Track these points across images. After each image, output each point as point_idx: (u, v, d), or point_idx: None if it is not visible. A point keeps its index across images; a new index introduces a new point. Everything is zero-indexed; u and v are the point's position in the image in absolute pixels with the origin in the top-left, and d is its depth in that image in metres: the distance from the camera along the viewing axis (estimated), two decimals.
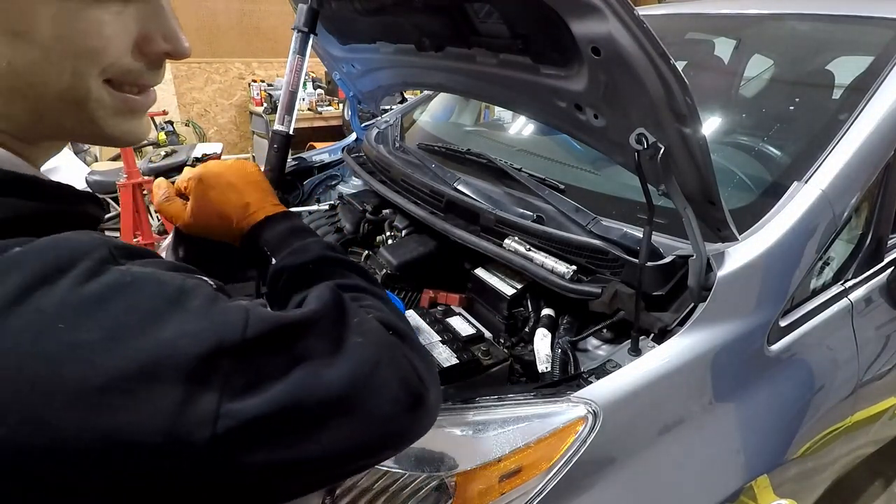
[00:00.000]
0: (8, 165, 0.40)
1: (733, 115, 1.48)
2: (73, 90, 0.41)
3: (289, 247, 0.69)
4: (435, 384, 0.53)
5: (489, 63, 1.05)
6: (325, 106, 5.16)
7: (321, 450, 0.42)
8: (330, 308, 0.47)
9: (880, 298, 1.15)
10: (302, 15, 1.03)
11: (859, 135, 1.02)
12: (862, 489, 1.78)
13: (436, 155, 1.49)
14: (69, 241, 0.37)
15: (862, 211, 1.10)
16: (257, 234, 0.73)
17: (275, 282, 0.67)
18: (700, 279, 0.83)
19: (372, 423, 0.45)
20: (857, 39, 1.40)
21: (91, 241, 0.38)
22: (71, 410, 0.32)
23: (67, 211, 0.43)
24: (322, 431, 0.42)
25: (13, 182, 0.40)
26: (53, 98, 0.41)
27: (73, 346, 0.33)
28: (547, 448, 0.74)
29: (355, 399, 0.44)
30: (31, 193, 0.40)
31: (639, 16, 0.66)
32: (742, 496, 0.91)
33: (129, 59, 0.43)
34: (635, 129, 0.75)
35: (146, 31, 0.44)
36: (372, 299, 0.60)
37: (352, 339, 0.46)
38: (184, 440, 0.35)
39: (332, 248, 0.70)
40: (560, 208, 1.11)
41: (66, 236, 0.38)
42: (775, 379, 0.96)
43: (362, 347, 0.46)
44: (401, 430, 0.49)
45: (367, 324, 0.50)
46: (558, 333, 0.98)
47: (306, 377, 0.41)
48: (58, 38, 0.39)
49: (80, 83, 0.41)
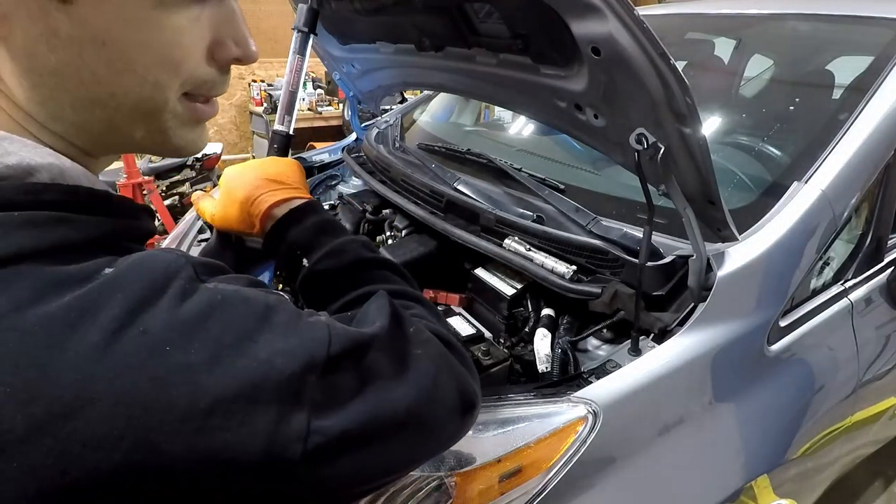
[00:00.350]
0: (85, 182, 0.39)
1: (733, 115, 1.48)
2: (151, 101, 0.41)
3: (322, 247, 0.65)
4: (479, 386, 0.55)
5: (489, 63, 1.05)
6: (325, 106, 5.16)
7: (391, 461, 0.44)
8: (392, 322, 0.48)
9: (880, 298, 1.15)
10: (302, 15, 1.02)
11: (859, 135, 1.02)
12: (862, 489, 1.78)
13: (436, 155, 1.49)
14: (158, 261, 0.37)
15: (862, 211, 1.10)
16: (283, 231, 0.69)
17: (310, 286, 0.65)
18: (700, 279, 0.83)
19: (434, 431, 0.48)
20: (857, 39, 1.40)
21: (175, 259, 0.38)
22: (179, 432, 0.32)
23: (133, 226, 0.43)
24: (393, 443, 0.43)
25: (91, 199, 0.39)
26: (130, 108, 0.40)
27: (180, 367, 0.33)
28: (547, 448, 0.74)
29: (421, 411, 0.46)
30: (106, 210, 0.40)
31: (639, 16, 0.66)
32: (742, 496, 0.91)
33: (204, 68, 0.43)
34: (635, 129, 0.75)
35: (219, 37, 0.43)
36: (417, 307, 0.59)
37: (413, 351, 0.48)
38: (278, 458, 0.35)
39: (369, 246, 0.67)
40: (560, 208, 1.11)
41: (151, 255, 0.38)
42: (775, 379, 0.96)
43: (423, 361, 0.48)
44: (455, 435, 0.52)
45: (423, 334, 0.51)
46: (558, 333, 0.98)
47: (377, 394, 0.42)
48: (141, 47, 0.38)
49: (159, 94, 0.41)
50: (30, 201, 0.35)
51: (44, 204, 0.36)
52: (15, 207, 0.34)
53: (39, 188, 0.36)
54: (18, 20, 0.35)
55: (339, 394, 0.40)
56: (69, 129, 0.40)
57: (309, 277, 0.65)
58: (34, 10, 0.35)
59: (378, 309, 0.50)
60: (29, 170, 0.36)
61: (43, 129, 0.40)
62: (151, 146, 0.45)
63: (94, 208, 0.39)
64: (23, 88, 0.37)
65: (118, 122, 0.41)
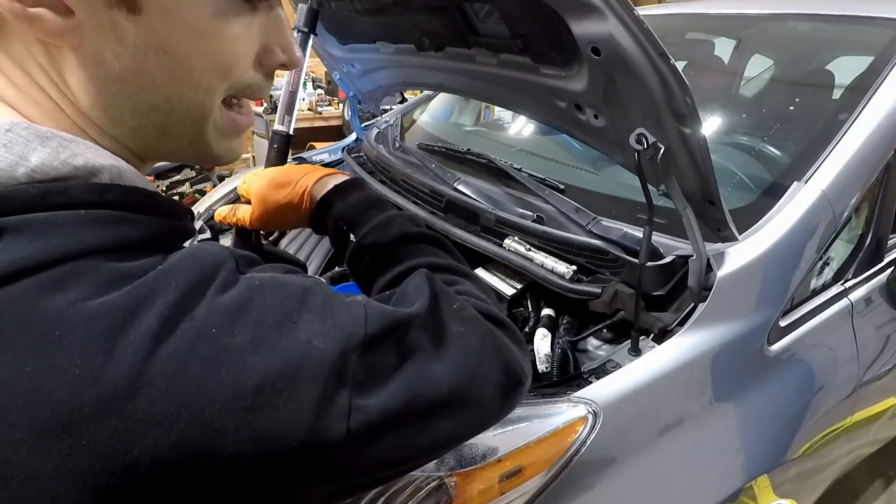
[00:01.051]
0: (140, 184, 0.41)
1: (733, 115, 1.48)
2: (201, 107, 0.43)
3: (369, 221, 0.66)
4: (529, 364, 0.56)
5: (489, 63, 1.05)
6: (325, 106, 5.15)
7: (434, 438, 0.44)
8: (432, 301, 0.49)
9: (880, 298, 1.15)
10: (302, 15, 1.02)
11: (859, 135, 1.02)
12: (862, 489, 1.78)
13: (436, 155, 1.49)
14: (206, 253, 0.39)
15: (862, 211, 1.10)
16: (328, 207, 0.69)
17: (356, 261, 0.65)
18: (700, 279, 0.83)
19: (478, 409, 0.48)
20: (857, 39, 1.40)
21: (221, 251, 0.40)
22: (230, 411, 0.34)
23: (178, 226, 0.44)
24: (436, 422, 0.44)
25: (146, 199, 0.41)
26: (182, 114, 0.42)
27: (227, 348, 0.35)
28: (547, 448, 0.74)
29: (463, 389, 0.46)
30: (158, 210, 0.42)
31: (639, 16, 0.66)
32: (742, 496, 0.91)
33: (251, 73, 0.45)
34: (635, 129, 0.76)
35: (267, 44, 0.45)
36: (464, 282, 0.60)
37: (454, 328, 0.48)
38: (322, 436, 0.36)
39: (415, 221, 0.67)
40: (560, 208, 1.11)
41: (200, 248, 0.39)
42: (775, 379, 0.96)
43: (465, 338, 0.48)
44: (499, 413, 0.52)
45: (466, 311, 0.51)
46: (558, 333, 0.98)
47: (418, 371, 0.43)
48: (199, 54, 0.40)
49: (208, 100, 0.43)
50: (94, 201, 0.37)
51: (106, 204, 0.38)
52: (81, 206, 0.36)
53: (103, 188, 0.38)
54: (89, 30, 0.37)
55: (380, 372, 0.41)
56: (126, 134, 0.42)
57: (355, 253, 0.66)
58: (104, 21, 0.37)
59: (416, 287, 0.51)
60: (93, 170, 0.38)
61: (103, 134, 0.42)
62: (191, 154, 0.47)
63: (149, 208, 0.41)
64: (88, 95, 0.39)
65: (170, 128, 0.43)
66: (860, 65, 1.19)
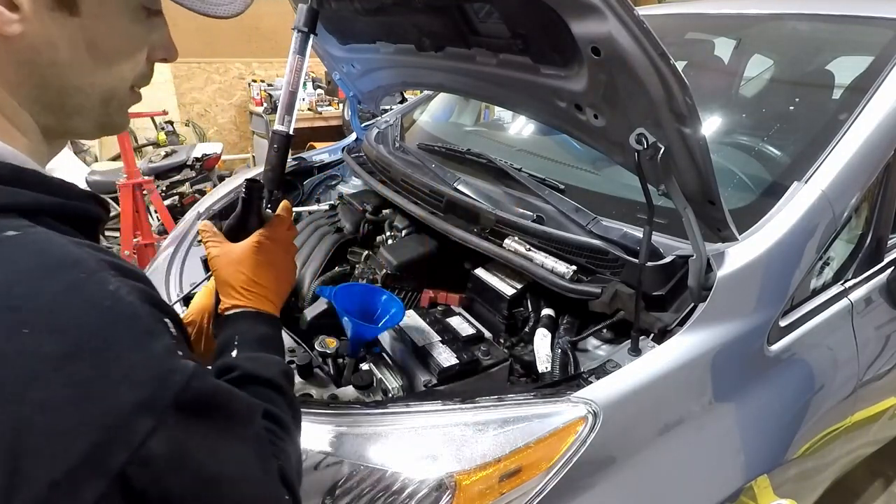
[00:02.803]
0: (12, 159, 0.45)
1: (733, 115, 1.48)
2: (113, 90, 0.52)
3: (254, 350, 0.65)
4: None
5: (489, 63, 1.05)
6: (325, 106, 5.15)
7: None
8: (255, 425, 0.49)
9: (880, 298, 1.15)
10: (302, 15, 1.02)
11: (859, 135, 1.02)
12: (862, 489, 1.78)
13: (436, 155, 1.49)
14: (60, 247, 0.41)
15: (862, 211, 1.10)
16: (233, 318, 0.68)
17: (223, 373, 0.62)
18: (700, 279, 0.83)
19: None
20: (857, 39, 1.40)
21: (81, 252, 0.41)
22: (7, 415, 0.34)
23: (66, 205, 0.47)
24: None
25: (14, 174, 0.44)
26: (97, 96, 0.51)
27: (32, 356, 0.36)
28: (547, 448, 0.74)
29: None
30: (31, 185, 0.45)
31: (639, 16, 0.66)
32: (742, 496, 0.91)
33: (144, 66, 0.55)
34: (635, 129, 0.76)
35: (154, 43, 0.55)
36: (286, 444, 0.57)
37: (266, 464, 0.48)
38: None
39: (288, 375, 0.65)
40: (560, 208, 1.11)
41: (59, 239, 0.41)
42: (775, 379, 0.96)
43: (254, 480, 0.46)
44: None
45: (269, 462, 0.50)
46: (558, 333, 0.98)
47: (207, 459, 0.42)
48: (119, 49, 0.51)
49: (120, 85, 0.53)
50: None
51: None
52: None
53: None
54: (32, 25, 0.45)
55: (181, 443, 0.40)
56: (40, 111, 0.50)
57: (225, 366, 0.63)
58: (46, 18, 0.45)
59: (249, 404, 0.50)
60: None
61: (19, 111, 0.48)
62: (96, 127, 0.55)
63: (16, 182, 0.44)
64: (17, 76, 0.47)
65: (83, 107, 0.52)
66: (860, 65, 1.19)
